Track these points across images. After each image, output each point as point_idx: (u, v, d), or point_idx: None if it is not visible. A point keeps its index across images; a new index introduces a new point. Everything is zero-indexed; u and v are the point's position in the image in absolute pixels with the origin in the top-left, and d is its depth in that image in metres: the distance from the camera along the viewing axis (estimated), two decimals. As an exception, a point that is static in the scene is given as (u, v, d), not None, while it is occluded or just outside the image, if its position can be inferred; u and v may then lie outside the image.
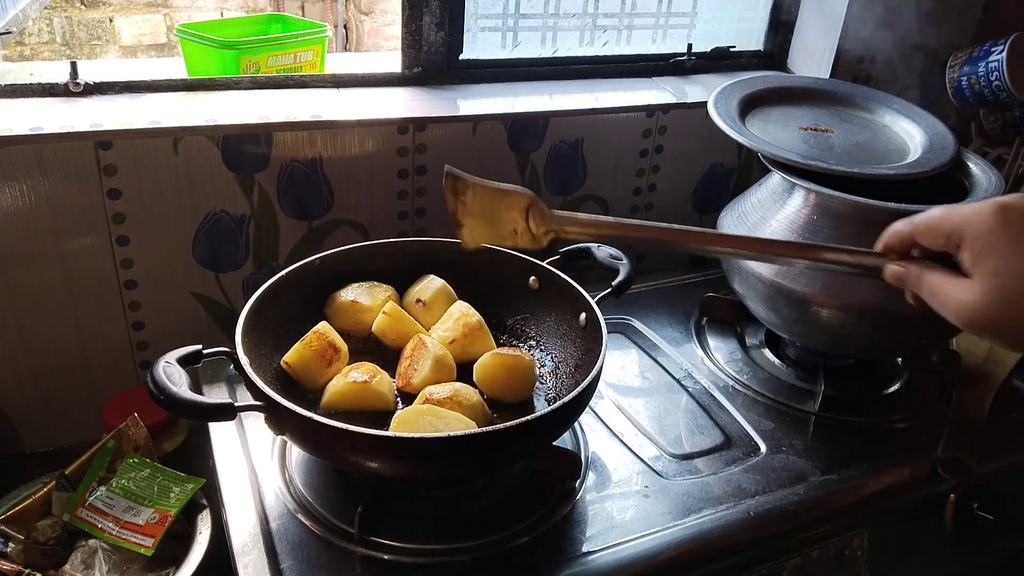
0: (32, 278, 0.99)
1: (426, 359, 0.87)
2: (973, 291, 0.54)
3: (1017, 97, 1.27)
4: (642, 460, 0.90)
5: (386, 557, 0.75)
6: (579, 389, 0.76)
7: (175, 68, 1.33)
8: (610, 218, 0.73)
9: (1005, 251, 0.52)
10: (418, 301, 0.96)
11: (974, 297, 0.54)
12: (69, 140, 0.94)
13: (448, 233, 1.10)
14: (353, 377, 0.83)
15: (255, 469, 0.85)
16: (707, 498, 0.85)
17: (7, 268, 0.97)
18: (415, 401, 0.83)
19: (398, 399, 0.87)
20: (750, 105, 1.09)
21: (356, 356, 0.91)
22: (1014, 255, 0.52)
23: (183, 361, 0.75)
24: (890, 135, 1.08)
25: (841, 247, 0.65)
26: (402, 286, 0.99)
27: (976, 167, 1.01)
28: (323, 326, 0.88)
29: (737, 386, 1.04)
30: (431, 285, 0.97)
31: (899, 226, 0.60)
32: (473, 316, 0.93)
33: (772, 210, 1.02)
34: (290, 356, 0.86)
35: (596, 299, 0.91)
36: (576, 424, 0.93)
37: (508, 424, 0.71)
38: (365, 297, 0.94)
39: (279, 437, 0.87)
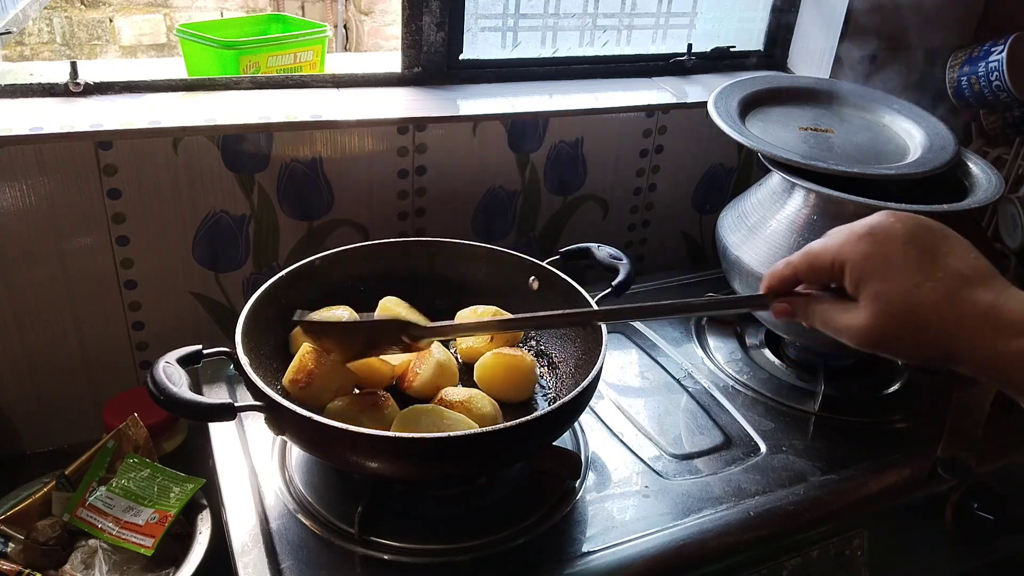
0: (32, 278, 0.99)
1: (428, 362, 0.87)
2: (861, 315, 0.55)
3: (1017, 97, 1.27)
4: (642, 460, 0.90)
5: (386, 557, 0.75)
6: (579, 389, 0.76)
7: (175, 68, 1.33)
8: (483, 320, 0.81)
9: (882, 273, 0.54)
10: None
11: (863, 320, 0.55)
12: (69, 140, 0.94)
13: (448, 233, 1.11)
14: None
15: (255, 469, 0.85)
16: (707, 498, 0.85)
17: (7, 268, 0.97)
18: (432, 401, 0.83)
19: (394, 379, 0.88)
20: (750, 105, 1.09)
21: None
22: (890, 275, 0.54)
23: (183, 361, 0.75)
24: (890, 135, 1.08)
25: (725, 298, 0.66)
26: (403, 286, 0.98)
27: (976, 167, 1.01)
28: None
29: (737, 386, 1.04)
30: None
31: (778, 268, 0.61)
32: (502, 313, 0.93)
33: (772, 210, 1.02)
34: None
35: (596, 299, 0.91)
36: (576, 424, 0.93)
37: (508, 424, 0.71)
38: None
39: (279, 437, 0.87)
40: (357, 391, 0.84)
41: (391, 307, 0.93)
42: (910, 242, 0.54)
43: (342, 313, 0.90)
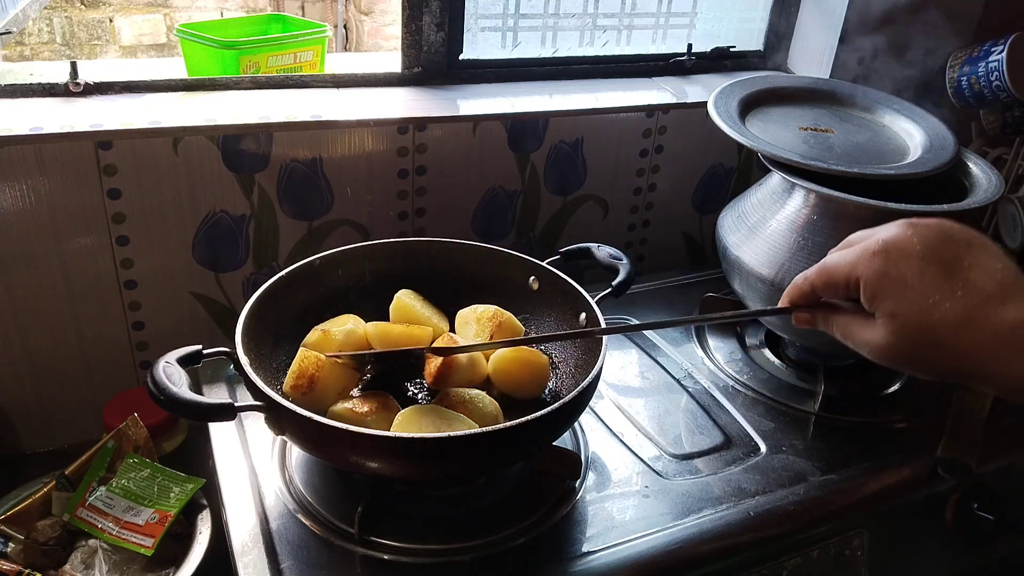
0: (32, 278, 0.99)
1: (459, 358, 0.85)
2: (879, 331, 0.54)
3: (1017, 97, 1.27)
4: (642, 460, 0.90)
5: (386, 557, 0.75)
6: (579, 389, 0.76)
7: (175, 68, 1.33)
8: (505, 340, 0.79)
9: (896, 291, 0.53)
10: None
11: (881, 337, 0.54)
12: (69, 140, 0.94)
13: (448, 233, 1.11)
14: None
15: (255, 469, 0.85)
16: (707, 498, 0.85)
17: (7, 268, 0.97)
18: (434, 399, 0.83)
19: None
20: (750, 105, 1.09)
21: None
22: (905, 295, 0.52)
23: (183, 361, 0.75)
24: (890, 135, 1.08)
25: (750, 311, 0.65)
26: (403, 286, 0.97)
27: (976, 167, 1.01)
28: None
29: (737, 386, 1.04)
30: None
31: (798, 283, 0.61)
32: (503, 313, 0.93)
33: (772, 210, 1.02)
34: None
35: (596, 299, 0.91)
36: (576, 424, 0.93)
37: (507, 424, 0.71)
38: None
39: (279, 437, 0.87)
40: (358, 392, 0.84)
41: (406, 301, 0.92)
42: (927, 257, 0.52)
43: (350, 324, 0.90)
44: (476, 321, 0.93)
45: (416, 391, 0.90)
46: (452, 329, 0.94)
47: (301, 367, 0.81)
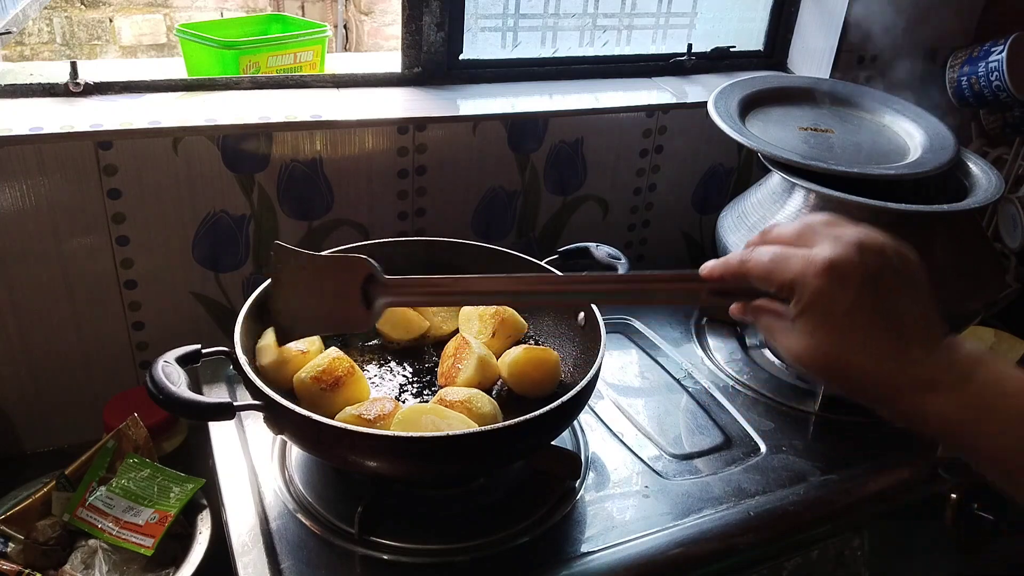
0: (32, 278, 0.99)
1: (470, 359, 0.86)
2: (797, 341, 0.56)
3: (1017, 97, 1.27)
4: (642, 460, 0.90)
5: (386, 557, 0.75)
6: (577, 388, 0.76)
7: (175, 68, 1.33)
8: (447, 276, 0.69)
9: (822, 314, 0.54)
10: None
11: (797, 346, 0.56)
12: (69, 140, 0.94)
13: (448, 233, 1.11)
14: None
15: (255, 469, 0.85)
16: (707, 498, 0.85)
17: (7, 268, 0.97)
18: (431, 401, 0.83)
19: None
20: (750, 105, 1.09)
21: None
22: (829, 319, 0.53)
23: (182, 361, 0.75)
24: (890, 135, 1.08)
25: (660, 273, 0.63)
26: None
27: (976, 167, 1.01)
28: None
29: (737, 386, 1.04)
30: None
31: (732, 261, 0.60)
32: (506, 310, 0.93)
33: (772, 210, 1.02)
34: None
35: (596, 299, 0.91)
36: (576, 424, 0.93)
37: (506, 423, 0.71)
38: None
39: (279, 437, 0.87)
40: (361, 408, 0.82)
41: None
42: (863, 288, 0.53)
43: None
44: (479, 318, 0.93)
45: (416, 391, 0.90)
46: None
47: (332, 365, 0.82)
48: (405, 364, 0.94)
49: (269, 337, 0.85)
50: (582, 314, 0.92)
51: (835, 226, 0.57)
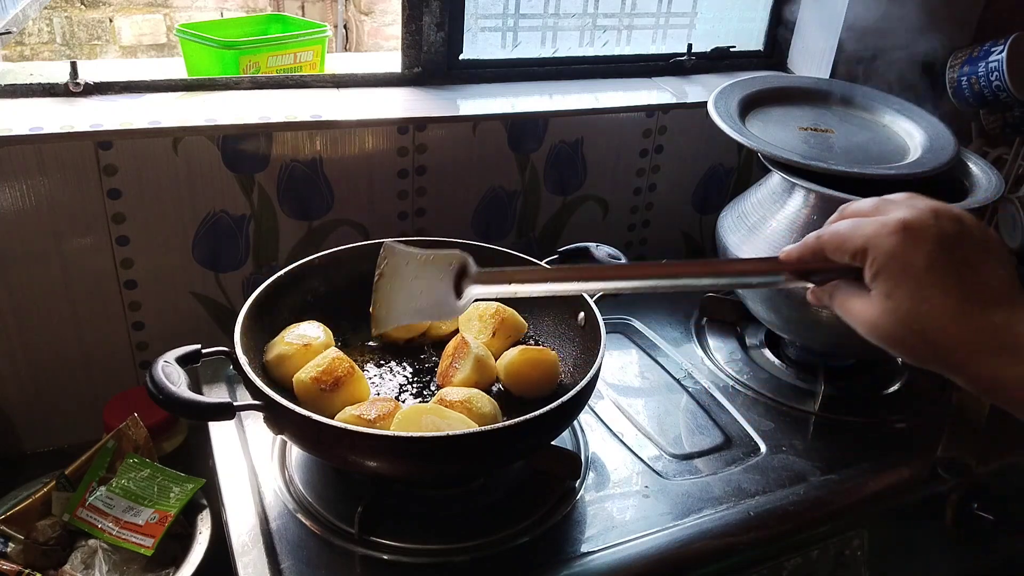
0: (32, 278, 0.99)
1: (467, 358, 0.86)
2: (872, 308, 0.55)
3: (1017, 97, 1.27)
4: (642, 460, 0.90)
5: (386, 557, 0.75)
6: (577, 388, 0.76)
7: (175, 68, 1.33)
8: (530, 268, 0.69)
9: (899, 274, 0.53)
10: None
11: (873, 314, 0.55)
12: (69, 140, 0.94)
13: (448, 233, 1.11)
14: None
15: (255, 469, 0.85)
16: (707, 498, 0.85)
17: (7, 268, 0.97)
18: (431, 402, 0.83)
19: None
20: (750, 105, 1.09)
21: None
22: (906, 279, 0.53)
23: (182, 361, 0.75)
24: (890, 135, 1.08)
25: (744, 259, 0.64)
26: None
27: (976, 167, 1.01)
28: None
29: (737, 386, 1.04)
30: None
31: (809, 240, 0.60)
32: (506, 310, 0.93)
33: (772, 210, 1.02)
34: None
35: (594, 298, 0.91)
36: (576, 424, 0.93)
37: (506, 423, 0.71)
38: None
39: (279, 437, 0.87)
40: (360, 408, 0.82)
41: None
42: (939, 247, 0.53)
43: (312, 330, 0.89)
44: (479, 318, 0.94)
45: (415, 391, 0.90)
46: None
47: (332, 364, 0.82)
48: (405, 364, 0.94)
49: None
50: (582, 314, 0.92)
51: (913, 197, 0.57)
